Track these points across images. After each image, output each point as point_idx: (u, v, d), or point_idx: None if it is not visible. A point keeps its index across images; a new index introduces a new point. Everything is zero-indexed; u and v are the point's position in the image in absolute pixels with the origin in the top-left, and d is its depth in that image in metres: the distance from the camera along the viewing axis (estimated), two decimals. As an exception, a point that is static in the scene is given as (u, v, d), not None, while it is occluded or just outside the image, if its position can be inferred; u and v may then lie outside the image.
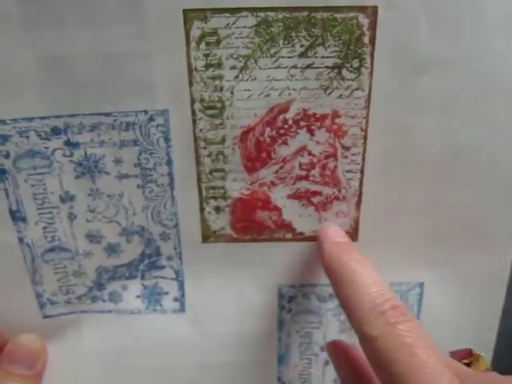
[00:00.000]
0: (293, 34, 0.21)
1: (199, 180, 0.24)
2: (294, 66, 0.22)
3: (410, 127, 0.23)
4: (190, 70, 0.22)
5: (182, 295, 0.27)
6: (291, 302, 0.27)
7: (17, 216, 0.24)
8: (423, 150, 0.23)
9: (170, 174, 0.24)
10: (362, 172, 0.24)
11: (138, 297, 0.27)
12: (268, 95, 0.22)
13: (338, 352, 0.23)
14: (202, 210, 0.25)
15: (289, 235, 0.25)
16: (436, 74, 0.22)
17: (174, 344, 0.27)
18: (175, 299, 0.27)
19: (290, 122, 0.23)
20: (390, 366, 0.18)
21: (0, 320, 0.26)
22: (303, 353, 0.28)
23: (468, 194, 0.24)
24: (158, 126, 0.23)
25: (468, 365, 0.21)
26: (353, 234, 0.25)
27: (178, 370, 0.27)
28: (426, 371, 0.17)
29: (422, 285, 0.27)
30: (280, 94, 0.22)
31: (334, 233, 0.24)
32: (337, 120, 0.23)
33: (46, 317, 0.26)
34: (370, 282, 0.20)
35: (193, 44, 0.21)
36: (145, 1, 0.20)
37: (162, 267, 0.26)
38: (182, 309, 0.27)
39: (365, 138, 0.23)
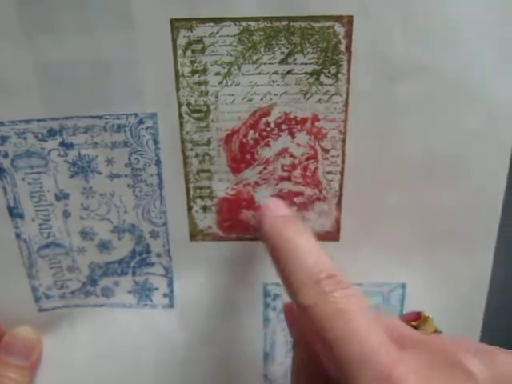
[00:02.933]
0: (273, 42, 0.23)
1: (187, 180, 0.25)
2: (275, 72, 0.23)
3: (387, 131, 0.24)
4: (177, 75, 0.23)
5: (171, 291, 0.28)
6: (276, 300, 0.28)
7: (14, 213, 0.25)
8: (400, 153, 0.24)
9: (159, 174, 0.25)
10: (341, 173, 0.25)
11: (129, 292, 0.28)
12: (251, 100, 0.24)
13: (291, 314, 0.23)
14: (189, 208, 0.26)
15: (273, 234, 0.26)
16: (411, 81, 0.23)
17: (162, 338, 0.28)
18: (164, 295, 0.28)
19: (272, 125, 0.24)
20: (323, 334, 0.18)
21: (-2, 312, 0.27)
22: (289, 351, 0.29)
23: (446, 196, 0.25)
24: (147, 128, 0.24)
25: (416, 327, 0.21)
26: (335, 233, 0.26)
27: (166, 364, 0.28)
28: (357, 335, 0.17)
29: (404, 285, 0.27)
30: (262, 99, 0.24)
31: (275, 207, 0.24)
32: (316, 123, 0.24)
33: (41, 310, 0.28)
34: (307, 252, 0.20)
35: (179, 51, 0.23)
36: (135, 11, 0.22)
37: (152, 264, 0.27)
38: (171, 304, 0.28)
39: (344, 140, 0.24)
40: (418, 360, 0.17)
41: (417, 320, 0.22)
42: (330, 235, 0.26)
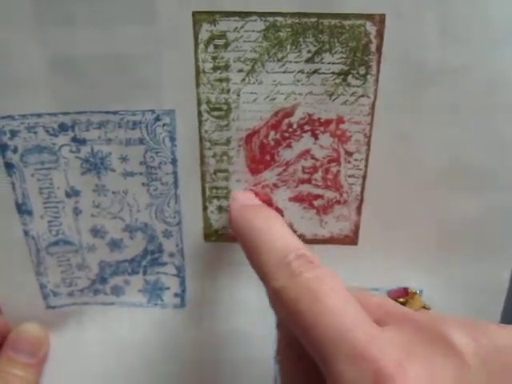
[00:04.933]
0: (300, 39, 0.21)
1: (203, 180, 0.24)
2: (301, 71, 0.22)
3: (414, 135, 0.23)
4: (198, 71, 0.22)
5: (183, 291, 0.27)
6: (290, 302, 0.27)
7: (22, 209, 0.24)
8: (426, 159, 0.23)
9: (175, 173, 0.24)
10: (364, 177, 0.24)
11: (140, 291, 0.27)
12: (274, 99, 0.23)
13: None
14: (204, 208, 0.25)
15: (289, 237, 0.26)
16: (442, 84, 0.22)
17: (172, 338, 0.28)
18: (176, 295, 0.27)
19: (295, 126, 0.23)
20: (295, 317, 0.17)
21: (4, 310, 0.26)
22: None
23: (470, 204, 0.24)
24: (164, 125, 0.23)
25: (403, 304, 0.20)
26: (353, 237, 0.25)
27: (175, 363, 0.28)
28: (328, 315, 0.16)
29: (421, 291, 0.27)
30: (286, 98, 0.23)
31: (243, 197, 0.23)
32: (341, 125, 0.23)
33: (49, 307, 0.27)
34: (276, 238, 0.20)
35: (201, 46, 0.22)
36: (155, 2, 0.21)
37: (164, 263, 0.26)
38: (183, 304, 0.27)
39: (368, 144, 0.23)
40: (401, 335, 0.17)
41: (404, 296, 0.22)
42: (348, 239, 0.25)
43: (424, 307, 0.20)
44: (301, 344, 0.18)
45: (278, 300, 0.18)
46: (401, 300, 0.20)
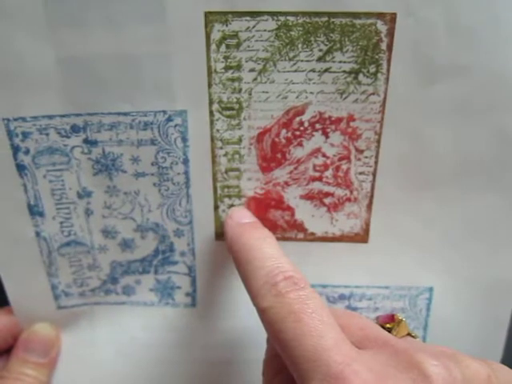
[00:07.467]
0: (312, 38, 0.22)
1: (215, 179, 0.25)
2: (312, 70, 0.22)
3: (424, 133, 0.23)
4: (210, 71, 0.22)
5: (194, 290, 0.27)
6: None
7: (34, 211, 0.24)
8: (436, 156, 0.24)
9: (186, 173, 0.24)
10: (374, 175, 0.24)
11: (151, 290, 0.27)
12: (285, 98, 0.23)
13: None
14: (216, 208, 0.25)
15: (300, 235, 0.26)
16: (452, 81, 0.22)
17: (183, 337, 0.28)
18: (187, 294, 0.27)
19: (306, 125, 0.23)
20: (278, 336, 0.18)
21: (16, 310, 0.27)
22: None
23: (480, 201, 0.24)
24: (175, 126, 0.23)
25: (390, 329, 0.21)
26: (364, 235, 0.26)
27: (186, 363, 0.28)
28: (310, 335, 0.17)
29: (431, 289, 0.27)
30: (297, 97, 0.23)
31: (239, 215, 0.24)
32: (352, 123, 0.23)
33: (60, 307, 0.27)
34: (266, 257, 0.20)
35: (213, 46, 0.22)
36: (166, 3, 0.21)
37: (176, 262, 0.27)
38: (194, 303, 0.27)
39: (378, 141, 0.24)
40: (376, 359, 0.18)
41: (391, 322, 0.22)
42: (358, 237, 0.26)
43: (410, 334, 0.21)
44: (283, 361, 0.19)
45: (265, 319, 0.19)
46: (388, 326, 0.21)
